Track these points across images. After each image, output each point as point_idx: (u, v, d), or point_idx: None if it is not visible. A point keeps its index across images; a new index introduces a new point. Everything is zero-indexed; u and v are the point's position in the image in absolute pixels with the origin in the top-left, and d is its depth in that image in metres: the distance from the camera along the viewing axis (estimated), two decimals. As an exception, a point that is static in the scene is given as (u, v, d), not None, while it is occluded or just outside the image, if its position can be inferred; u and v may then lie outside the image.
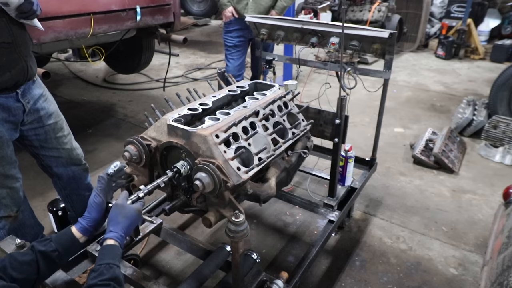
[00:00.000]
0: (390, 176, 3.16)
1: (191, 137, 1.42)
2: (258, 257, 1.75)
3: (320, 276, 2.20)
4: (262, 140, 1.57)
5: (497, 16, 6.83)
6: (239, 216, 1.35)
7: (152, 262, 2.29)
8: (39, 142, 1.88)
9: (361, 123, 4.10)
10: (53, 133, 1.90)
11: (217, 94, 1.81)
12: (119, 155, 3.36)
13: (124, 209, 1.25)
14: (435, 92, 5.07)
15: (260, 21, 2.57)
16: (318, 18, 6.09)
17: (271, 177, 1.65)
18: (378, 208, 2.78)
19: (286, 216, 2.68)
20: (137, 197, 1.33)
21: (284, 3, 3.55)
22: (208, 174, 1.33)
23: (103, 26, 2.79)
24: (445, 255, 2.35)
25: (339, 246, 2.41)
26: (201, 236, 2.46)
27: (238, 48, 3.65)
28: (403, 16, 6.73)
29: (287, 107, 1.81)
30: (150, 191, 1.38)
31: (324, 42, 2.40)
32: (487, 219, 2.64)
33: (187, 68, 5.94)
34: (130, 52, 4.22)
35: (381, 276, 2.19)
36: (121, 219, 1.22)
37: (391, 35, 2.09)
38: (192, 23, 8.65)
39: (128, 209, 1.26)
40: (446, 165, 3.19)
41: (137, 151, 1.51)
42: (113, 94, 4.94)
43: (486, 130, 3.62)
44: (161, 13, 3.26)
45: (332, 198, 2.24)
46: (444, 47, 6.48)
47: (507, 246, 1.63)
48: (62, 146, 1.96)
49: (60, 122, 1.94)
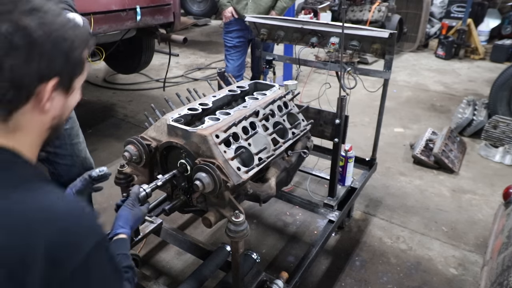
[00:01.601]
0: (390, 176, 3.16)
1: (191, 137, 1.42)
2: (258, 257, 1.75)
3: (320, 276, 2.20)
4: (262, 140, 1.57)
5: (497, 16, 6.83)
6: (239, 216, 1.35)
7: (152, 262, 2.29)
8: (54, 147, 1.80)
9: (361, 123, 4.10)
10: (68, 139, 1.83)
11: (217, 94, 1.81)
12: (119, 155, 3.36)
13: (135, 209, 1.26)
14: (435, 92, 5.07)
15: (260, 21, 2.57)
16: (318, 18, 6.09)
17: (271, 177, 1.65)
18: (378, 208, 2.78)
19: (286, 216, 2.68)
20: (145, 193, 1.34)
21: (284, 3, 3.54)
22: (208, 174, 1.33)
23: (103, 26, 2.79)
24: (445, 255, 2.35)
25: (339, 246, 2.41)
26: (201, 236, 2.46)
27: (238, 49, 3.65)
28: (403, 16, 6.72)
29: (287, 107, 1.81)
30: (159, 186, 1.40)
31: (324, 42, 2.40)
32: (487, 219, 2.64)
33: (187, 68, 5.94)
34: (130, 52, 4.22)
35: (381, 276, 2.19)
36: (131, 218, 1.22)
37: (391, 35, 2.09)
38: (192, 23, 8.65)
39: (137, 209, 1.27)
40: (446, 165, 3.19)
41: (137, 151, 1.51)
42: (113, 94, 4.94)
43: (486, 130, 3.62)
44: (161, 13, 3.26)
45: (332, 198, 2.24)
46: (444, 47, 6.47)
47: (507, 246, 1.63)
48: (77, 153, 1.89)
49: (76, 128, 1.87)
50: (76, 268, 0.70)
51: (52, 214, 0.71)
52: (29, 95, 0.74)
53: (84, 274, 0.72)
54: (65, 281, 0.69)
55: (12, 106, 0.74)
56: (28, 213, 0.68)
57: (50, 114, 0.80)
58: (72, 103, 0.86)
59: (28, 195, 0.71)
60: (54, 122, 0.82)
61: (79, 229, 0.73)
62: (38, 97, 0.75)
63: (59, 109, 0.82)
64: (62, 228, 0.70)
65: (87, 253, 0.72)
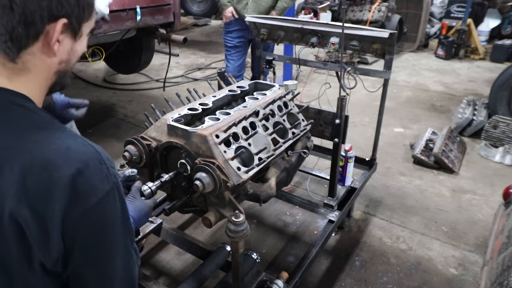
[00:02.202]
0: (390, 176, 3.16)
1: (191, 137, 1.42)
2: (258, 257, 1.75)
3: (320, 276, 2.20)
4: (262, 140, 1.57)
5: (497, 16, 6.83)
6: (239, 216, 1.35)
7: (152, 262, 2.29)
8: None
9: (361, 123, 4.10)
10: None
11: (217, 94, 1.81)
12: (119, 155, 3.36)
13: (136, 201, 1.24)
14: (435, 92, 5.07)
15: (260, 21, 2.57)
16: (318, 18, 6.09)
17: (271, 177, 1.65)
18: (378, 208, 2.78)
19: (286, 216, 2.68)
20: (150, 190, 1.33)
21: (284, 3, 3.54)
22: (208, 174, 1.33)
23: (103, 26, 2.79)
24: (445, 255, 2.35)
25: (339, 246, 2.41)
26: (201, 236, 2.46)
27: (238, 49, 3.65)
28: (403, 16, 6.72)
29: (287, 107, 1.81)
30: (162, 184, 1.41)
31: (324, 42, 2.40)
32: (487, 219, 2.64)
33: (187, 68, 5.94)
34: (130, 52, 4.22)
35: (381, 276, 2.19)
36: (132, 209, 1.19)
37: (391, 35, 2.09)
38: (192, 23, 8.65)
39: (139, 202, 1.25)
40: (446, 165, 3.19)
41: (137, 151, 1.51)
42: (113, 94, 4.94)
43: (486, 130, 3.62)
44: (161, 13, 3.26)
45: (332, 198, 2.24)
46: (444, 47, 6.47)
47: (507, 246, 1.63)
48: None
49: (74, 128, 1.88)
50: (90, 209, 0.74)
51: (73, 155, 0.74)
52: (39, 33, 0.75)
53: (97, 215, 0.76)
54: (78, 219, 0.73)
55: (21, 44, 0.75)
56: (51, 153, 0.73)
57: (57, 58, 0.81)
58: (80, 49, 0.88)
59: (49, 136, 0.75)
60: (61, 67, 0.84)
61: (96, 172, 0.76)
62: (47, 37, 0.77)
63: (67, 54, 0.83)
64: (81, 168, 0.73)
65: (103, 195, 0.76)
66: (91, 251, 0.79)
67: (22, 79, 0.79)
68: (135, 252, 0.91)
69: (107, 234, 0.80)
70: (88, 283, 0.81)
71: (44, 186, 0.70)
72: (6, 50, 0.75)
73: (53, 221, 0.71)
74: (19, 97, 0.78)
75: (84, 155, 0.76)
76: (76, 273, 0.79)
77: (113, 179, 0.80)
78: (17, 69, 0.78)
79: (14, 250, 0.71)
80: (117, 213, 0.81)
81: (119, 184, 0.82)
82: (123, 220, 0.84)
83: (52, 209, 0.70)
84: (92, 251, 0.79)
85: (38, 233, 0.70)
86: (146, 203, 1.27)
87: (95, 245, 0.79)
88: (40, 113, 0.79)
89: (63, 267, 0.76)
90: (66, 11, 0.77)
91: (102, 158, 0.79)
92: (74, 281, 0.80)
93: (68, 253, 0.75)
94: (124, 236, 0.85)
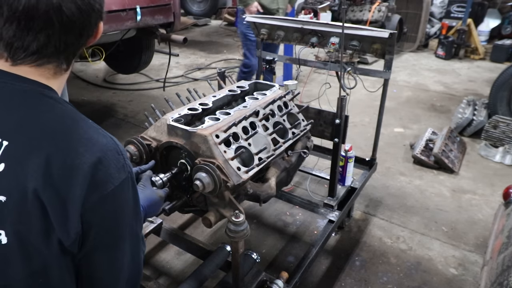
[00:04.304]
0: (390, 176, 3.16)
1: (191, 137, 1.42)
2: (258, 257, 1.75)
3: (320, 276, 2.20)
4: (262, 140, 1.58)
5: (497, 16, 6.83)
6: (239, 216, 1.35)
7: (152, 262, 2.29)
8: None
9: (361, 123, 4.10)
10: None
11: (217, 94, 1.81)
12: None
13: (146, 190, 1.24)
14: (435, 92, 5.07)
15: (260, 21, 2.57)
16: (318, 18, 6.08)
17: (271, 177, 1.65)
18: (378, 208, 2.78)
19: (286, 216, 2.68)
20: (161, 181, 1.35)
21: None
22: (208, 174, 1.33)
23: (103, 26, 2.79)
24: (445, 255, 2.35)
25: (339, 246, 2.41)
26: (201, 236, 2.46)
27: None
28: (403, 16, 6.72)
29: (287, 107, 1.81)
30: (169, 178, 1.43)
31: (324, 42, 2.40)
32: (487, 219, 2.64)
33: (187, 68, 5.94)
34: (130, 52, 4.22)
35: (381, 276, 2.19)
36: (142, 197, 1.16)
37: (391, 35, 2.09)
38: (192, 23, 8.65)
39: (150, 190, 1.25)
40: (446, 165, 3.19)
41: (137, 151, 1.51)
42: (113, 94, 4.94)
43: (486, 130, 3.62)
44: (161, 13, 3.26)
45: (332, 198, 2.24)
46: (444, 47, 6.47)
47: (507, 246, 1.63)
48: None
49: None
50: (107, 195, 0.78)
51: (95, 145, 0.79)
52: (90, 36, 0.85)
53: (113, 202, 0.80)
54: (96, 204, 0.77)
55: (76, 56, 0.86)
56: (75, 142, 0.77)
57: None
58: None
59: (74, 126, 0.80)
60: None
61: (114, 161, 0.80)
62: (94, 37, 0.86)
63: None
64: (101, 157, 0.78)
65: (119, 183, 0.80)
66: (105, 235, 0.82)
67: (58, 77, 0.84)
68: (141, 240, 0.94)
69: (120, 220, 0.84)
70: (98, 265, 0.85)
71: (67, 172, 0.74)
72: (61, 66, 0.83)
73: (74, 204, 0.75)
74: (49, 90, 0.82)
75: (104, 146, 0.80)
76: (88, 257, 0.82)
77: (128, 169, 0.84)
78: (60, 73, 0.84)
79: (35, 225, 0.75)
80: (129, 201, 0.85)
81: (133, 174, 0.86)
82: (135, 208, 0.88)
83: (74, 193, 0.74)
84: (105, 235, 0.82)
85: (60, 213, 0.74)
86: (156, 192, 1.26)
87: (109, 229, 0.82)
88: (66, 105, 0.83)
89: (78, 248, 0.80)
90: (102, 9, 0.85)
91: (120, 149, 0.84)
92: (85, 265, 0.84)
93: (84, 235, 0.78)
94: (135, 223, 0.89)
